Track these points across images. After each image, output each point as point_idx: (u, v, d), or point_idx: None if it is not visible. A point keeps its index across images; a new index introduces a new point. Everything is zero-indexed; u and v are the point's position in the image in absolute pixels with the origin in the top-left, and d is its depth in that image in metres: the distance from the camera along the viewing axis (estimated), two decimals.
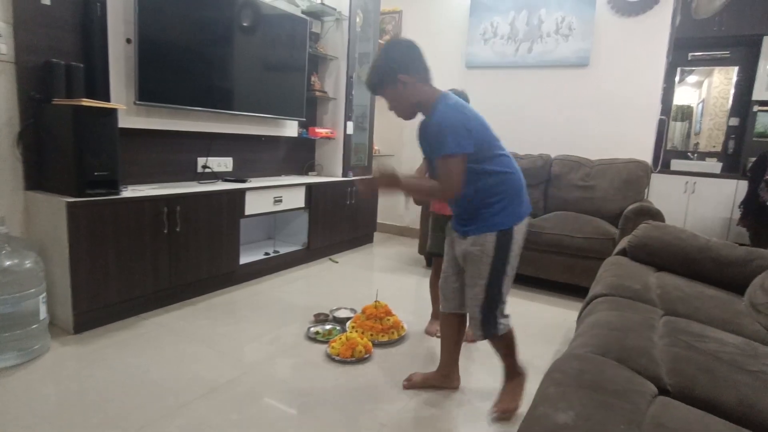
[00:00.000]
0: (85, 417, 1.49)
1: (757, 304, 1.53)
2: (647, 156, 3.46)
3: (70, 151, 1.95)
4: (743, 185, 3.96)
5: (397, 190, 1.49)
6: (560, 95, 3.76)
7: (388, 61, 1.50)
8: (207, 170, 2.91)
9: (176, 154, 2.76)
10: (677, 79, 4.83)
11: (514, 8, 3.84)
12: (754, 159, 3.93)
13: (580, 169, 3.43)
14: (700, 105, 4.88)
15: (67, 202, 1.90)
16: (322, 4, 3.44)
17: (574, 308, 2.70)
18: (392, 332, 2.17)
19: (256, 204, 2.83)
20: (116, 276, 2.12)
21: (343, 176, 3.77)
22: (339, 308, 2.46)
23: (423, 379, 1.81)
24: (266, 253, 3.07)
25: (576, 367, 1.00)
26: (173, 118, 2.63)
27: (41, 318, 1.86)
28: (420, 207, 3.54)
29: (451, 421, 1.62)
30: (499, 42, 3.94)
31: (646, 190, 3.31)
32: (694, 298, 1.60)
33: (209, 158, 2.94)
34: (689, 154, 4.87)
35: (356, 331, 2.15)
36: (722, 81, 4.72)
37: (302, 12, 3.36)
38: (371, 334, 2.14)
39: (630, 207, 2.88)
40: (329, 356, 1.98)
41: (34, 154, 2.09)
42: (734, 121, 4.64)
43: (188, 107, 2.59)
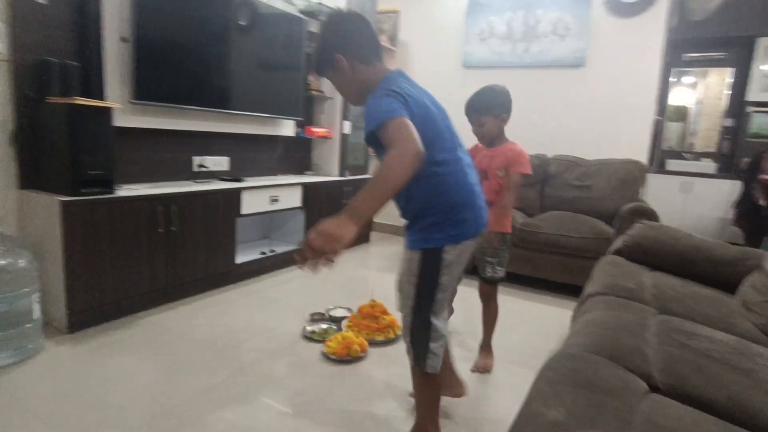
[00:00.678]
0: (80, 416, 1.49)
1: (749, 302, 1.54)
2: (643, 156, 3.47)
3: (64, 149, 1.94)
4: (738, 185, 3.99)
5: (350, 225, 1.00)
6: (557, 95, 3.77)
7: (325, 40, 1.28)
8: (203, 169, 2.91)
9: (172, 153, 2.76)
10: (673, 79, 4.86)
11: (511, 8, 3.85)
12: (747, 159, 3.95)
13: (577, 168, 3.44)
14: (696, 106, 4.91)
15: (61, 201, 1.90)
16: (320, 3, 3.44)
17: (569, 307, 2.70)
18: (388, 331, 2.18)
19: (252, 203, 2.83)
20: (111, 275, 2.11)
21: (340, 176, 3.77)
22: (335, 307, 2.46)
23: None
24: (262, 253, 3.07)
25: (569, 365, 1.01)
26: (169, 117, 2.63)
27: (35, 317, 1.86)
28: None
29: (445, 421, 1.63)
30: (496, 42, 3.95)
31: (642, 190, 3.32)
32: (687, 298, 1.61)
33: (206, 157, 2.93)
34: (684, 154, 4.89)
35: (352, 331, 2.15)
36: (717, 82, 4.75)
37: (299, 11, 3.36)
38: (367, 333, 2.14)
39: (625, 207, 2.90)
40: (325, 355, 1.98)
41: (28, 153, 2.08)
42: (729, 122, 4.67)
43: (184, 106, 2.59)
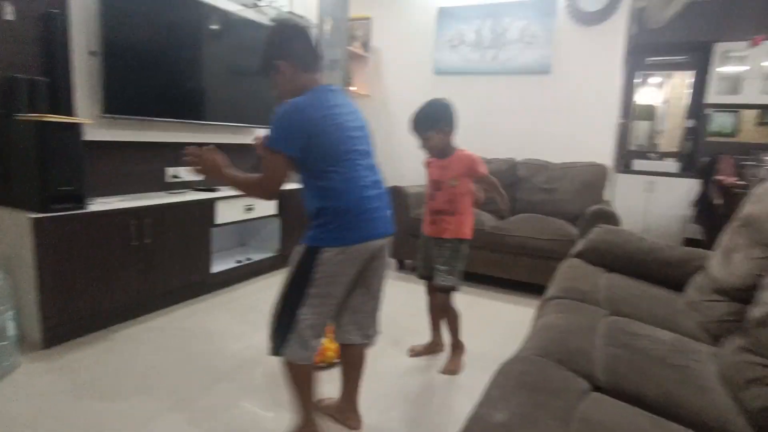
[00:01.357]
0: None
1: (693, 301, 1.66)
2: (607, 158, 3.62)
3: (34, 166, 1.94)
4: (698, 184, 4.18)
5: (218, 174, 1.39)
6: (525, 100, 3.90)
7: (267, 45, 1.43)
8: (176, 180, 2.92)
9: (145, 164, 2.77)
10: (638, 80, 5.04)
11: (479, 16, 3.95)
12: (706, 159, 4.14)
13: (544, 172, 3.57)
14: (663, 105, 5.11)
15: (32, 218, 1.90)
16: (290, 12, 3.48)
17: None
18: None
19: (227, 213, 2.86)
20: (85, 290, 2.12)
21: None
22: None
23: (326, 405, 1.68)
24: (238, 261, 3.09)
25: (518, 369, 1.09)
26: (141, 129, 2.64)
27: (10, 335, 1.86)
28: None
29: (411, 423, 1.70)
30: (466, 49, 4.05)
31: (605, 192, 3.47)
32: (638, 298, 1.72)
33: (179, 168, 2.95)
34: (649, 154, 5.09)
35: (327, 337, 2.21)
36: (681, 83, 4.96)
37: (270, 20, 3.39)
38: None
39: (588, 210, 3.03)
40: None
41: None
42: (690, 123, 4.88)
43: (156, 118, 2.61)
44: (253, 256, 3.24)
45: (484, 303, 2.94)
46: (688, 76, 4.83)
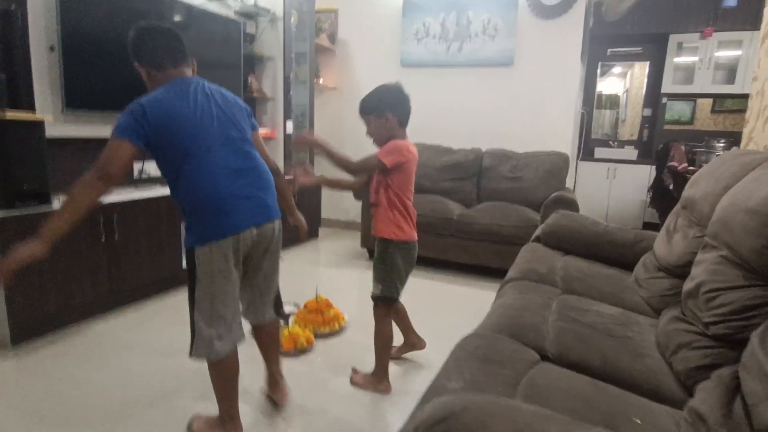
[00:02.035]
0: (26, 430, 1.52)
1: (639, 279, 1.79)
2: (569, 146, 3.77)
3: None
4: (654, 170, 4.39)
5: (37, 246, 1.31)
6: (489, 92, 4.00)
7: (129, 51, 1.48)
8: (144, 176, 2.90)
9: None
10: (600, 71, 5.23)
11: (444, 9, 4.03)
12: (660, 147, 4.35)
13: (509, 161, 3.68)
14: (625, 94, 5.32)
15: None
16: (255, 5, 3.47)
17: None
18: (333, 323, 2.31)
19: None
20: (53, 287, 2.11)
21: (285, 175, 3.82)
22: (283, 304, 2.56)
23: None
24: None
25: (473, 343, 1.18)
26: (104, 123, 2.61)
27: None
28: (361, 202, 3.66)
29: (389, 410, 1.78)
30: (431, 41, 4.12)
31: (567, 179, 3.61)
32: (590, 278, 1.84)
33: (146, 163, 2.92)
34: (611, 142, 5.30)
35: (299, 325, 2.27)
36: (641, 74, 5.16)
37: (235, 13, 3.38)
38: (313, 327, 2.26)
39: (549, 197, 3.16)
40: None
41: None
42: (647, 112, 5.10)
43: (118, 112, 2.57)
44: None
45: (451, 288, 3.04)
46: (647, 66, 5.04)
